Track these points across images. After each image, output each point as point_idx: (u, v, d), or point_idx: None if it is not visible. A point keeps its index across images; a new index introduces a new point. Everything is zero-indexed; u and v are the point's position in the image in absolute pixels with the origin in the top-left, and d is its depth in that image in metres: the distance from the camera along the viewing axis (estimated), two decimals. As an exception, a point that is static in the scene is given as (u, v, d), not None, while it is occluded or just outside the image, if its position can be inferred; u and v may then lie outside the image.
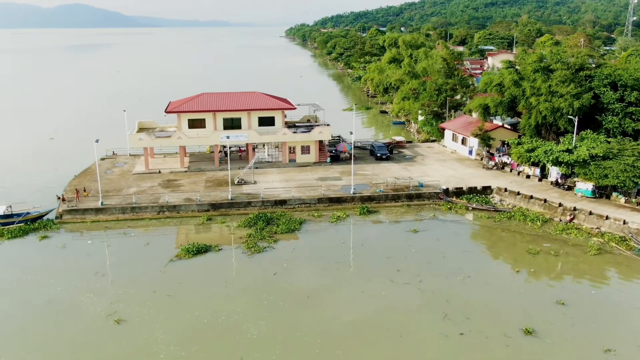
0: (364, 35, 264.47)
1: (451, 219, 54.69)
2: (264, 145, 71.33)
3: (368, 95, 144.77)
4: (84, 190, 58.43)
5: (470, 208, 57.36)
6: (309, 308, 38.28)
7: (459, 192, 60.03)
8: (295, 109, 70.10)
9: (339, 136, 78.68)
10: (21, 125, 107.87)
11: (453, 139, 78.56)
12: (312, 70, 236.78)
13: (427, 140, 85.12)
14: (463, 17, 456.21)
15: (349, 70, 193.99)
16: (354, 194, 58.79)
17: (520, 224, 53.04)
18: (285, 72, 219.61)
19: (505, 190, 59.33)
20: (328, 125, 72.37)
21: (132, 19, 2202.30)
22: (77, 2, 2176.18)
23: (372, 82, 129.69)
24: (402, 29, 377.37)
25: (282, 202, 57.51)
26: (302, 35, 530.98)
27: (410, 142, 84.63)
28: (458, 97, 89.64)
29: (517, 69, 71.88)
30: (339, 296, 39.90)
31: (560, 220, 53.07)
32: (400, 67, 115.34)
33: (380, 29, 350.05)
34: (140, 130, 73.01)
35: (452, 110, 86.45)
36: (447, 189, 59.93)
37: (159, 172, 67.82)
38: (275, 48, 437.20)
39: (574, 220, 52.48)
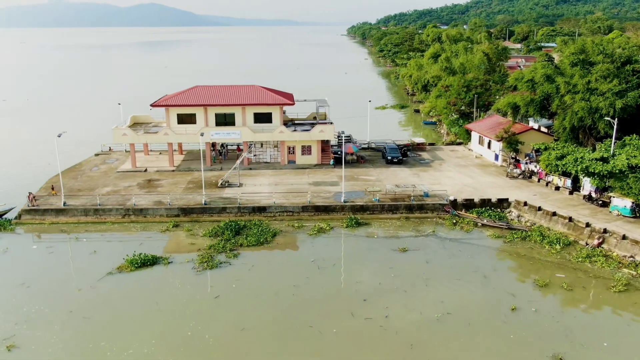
0: (421, 32, 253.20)
1: (452, 237, 46.10)
2: (262, 145, 64.75)
3: (408, 94, 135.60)
4: (52, 189, 53.80)
5: (479, 224, 48.48)
6: (237, 344, 31.26)
7: (469, 205, 51.17)
8: (293, 104, 63.06)
9: (349, 136, 70.97)
10: (37, 120, 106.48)
11: (479, 142, 69.20)
12: (361, 67, 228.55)
13: (452, 143, 75.96)
14: (531, 15, 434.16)
15: (397, 67, 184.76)
16: (344, 202, 51.17)
17: (535, 247, 43.81)
18: (332, 69, 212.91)
19: (525, 204, 49.97)
20: (331, 123, 64.88)
21: (203, 18, 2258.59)
22: (152, 1, 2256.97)
23: (410, 79, 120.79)
24: (465, 26, 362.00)
25: (261, 209, 50.72)
26: (361, 33, 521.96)
27: (432, 144, 75.74)
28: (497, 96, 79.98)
29: (554, 63, 61.83)
30: (279, 331, 32.62)
31: (586, 245, 43.44)
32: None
33: (443, 27, 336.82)
34: (135, 125, 68.17)
35: (483, 110, 76.82)
36: (455, 200, 51.22)
37: (145, 170, 62.60)
38: (333, 46, 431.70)
39: (602, 245, 42.74)
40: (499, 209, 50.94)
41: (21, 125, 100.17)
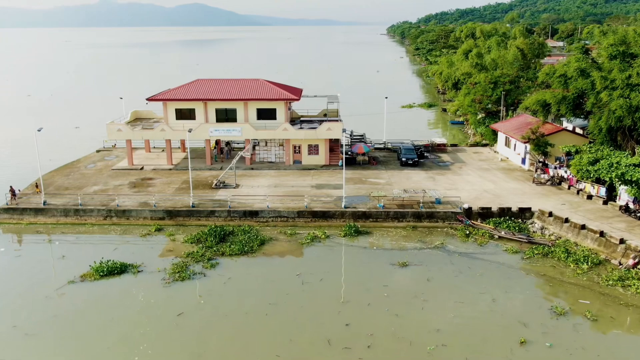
0: (453, 24, 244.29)
1: (463, 250, 40.43)
2: (266, 144, 60.21)
3: (439, 92, 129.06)
4: (36, 186, 50.53)
5: (496, 236, 42.63)
6: (187, 375, 26.68)
7: (485, 214, 45.32)
8: (298, 99, 58.22)
9: (362, 135, 65.77)
10: (58, 114, 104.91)
11: (505, 144, 62.91)
12: (396, 65, 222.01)
13: (476, 144, 69.75)
14: (578, 13, 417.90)
15: (429, 65, 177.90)
16: (345, 208, 46.08)
17: (558, 265, 37.78)
18: (365, 67, 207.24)
19: (550, 215, 43.80)
20: (339, 120, 59.75)
21: (245, 18, 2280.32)
22: (195, 2, 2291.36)
23: (440, 76, 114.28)
24: (508, 25, 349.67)
25: (253, 214, 46.12)
26: (400, 32, 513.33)
27: (454, 145, 69.68)
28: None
29: (590, 56, 55.18)
30: (241, 360, 27.90)
31: (620, 265, 37.16)
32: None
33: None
34: (136, 120, 64.69)
35: (512, 109, 70.35)
36: (470, 208, 45.44)
37: (142, 168, 58.93)
38: (371, 44, 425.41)
39: (639, 266, 36.40)
40: (520, 220, 44.93)
41: (41, 120, 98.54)
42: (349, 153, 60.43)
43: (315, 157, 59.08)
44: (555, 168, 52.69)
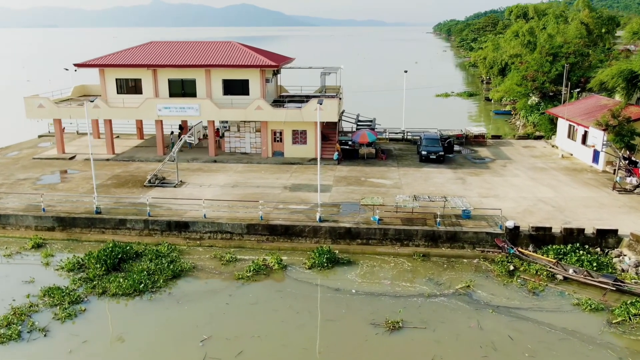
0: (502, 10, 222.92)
1: (503, 302, 23.74)
2: (238, 128, 44.70)
3: (482, 82, 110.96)
4: None
5: (559, 277, 25.70)
6: None
7: (542, 237, 28.35)
8: (277, 66, 42.19)
9: (370, 121, 49.33)
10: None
11: (569, 135, 45.40)
12: (438, 58, 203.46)
13: (527, 136, 52.13)
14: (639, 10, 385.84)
15: (471, 52, 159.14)
16: (320, 221, 29.97)
17: (680, 342, 20.69)
18: (403, 60, 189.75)
19: (651, 243, 26.54)
20: (336, 97, 43.47)
21: (292, 18, 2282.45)
22: (243, 2, 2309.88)
23: (484, 62, 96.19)
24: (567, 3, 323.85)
25: (181, 227, 30.60)
26: (447, 29, 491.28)
27: (497, 137, 52.36)
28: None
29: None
30: None
31: None
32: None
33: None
34: (82, 97, 50.27)
35: (578, 91, 52.52)
36: (517, 227, 28.52)
37: (72, 158, 44.42)
38: (415, 41, 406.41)
39: None
40: (599, 249, 27.81)
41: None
42: (350, 143, 44.25)
43: (303, 147, 43.22)
44: (650, 168, 35.13)
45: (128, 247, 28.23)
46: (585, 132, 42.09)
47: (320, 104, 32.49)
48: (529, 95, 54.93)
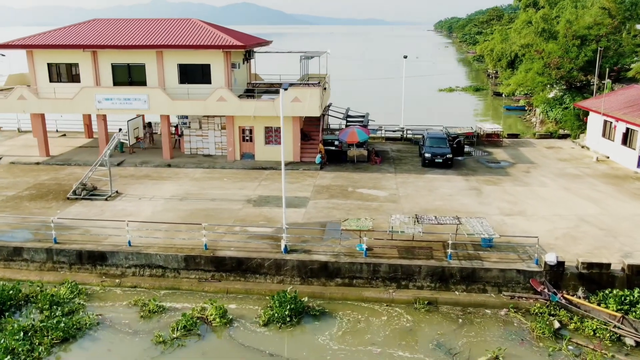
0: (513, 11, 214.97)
1: (551, 389, 15.43)
2: (200, 125, 36.44)
3: (489, 77, 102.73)
4: None
5: (630, 342, 17.36)
6: None
7: (596, 278, 20.02)
8: (244, 47, 33.73)
9: (363, 116, 40.98)
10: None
11: (604, 133, 37.08)
12: (439, 53, 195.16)
13: (550, 135, 43.75)
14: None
15: (475, 46, 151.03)
16: (286, 252, 21.67)
17: None
18: (402, 54, 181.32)
19: None
20: (319, 85, 35.11)
21: (293, 17, 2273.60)
22: (244, 1, 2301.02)
23: (490, 54, 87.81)
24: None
25: (97, 258, 22.30)
26: (448, 27, 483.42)
27: (514, 135, 44.00)
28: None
29: None
30: None
31: None
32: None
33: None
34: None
35: (611, 81, 44.15)
36: (562, 264, 20.17)
37: (-4, 161, 36.21)
38: (415, 37, 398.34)
39: None
40: (679, 295, 19.51)
41: None
42: (337, 144, 35.96)
43: (277, 148, 34.90)
44: None
45: (13, 290, 19.99)
46: (628, 129, 33.79)
47: (285, 89, 24.13)
48: (552, 86, 46.59)
